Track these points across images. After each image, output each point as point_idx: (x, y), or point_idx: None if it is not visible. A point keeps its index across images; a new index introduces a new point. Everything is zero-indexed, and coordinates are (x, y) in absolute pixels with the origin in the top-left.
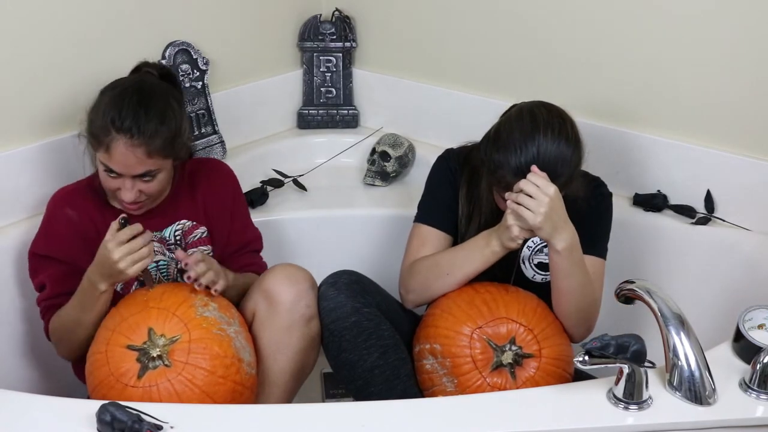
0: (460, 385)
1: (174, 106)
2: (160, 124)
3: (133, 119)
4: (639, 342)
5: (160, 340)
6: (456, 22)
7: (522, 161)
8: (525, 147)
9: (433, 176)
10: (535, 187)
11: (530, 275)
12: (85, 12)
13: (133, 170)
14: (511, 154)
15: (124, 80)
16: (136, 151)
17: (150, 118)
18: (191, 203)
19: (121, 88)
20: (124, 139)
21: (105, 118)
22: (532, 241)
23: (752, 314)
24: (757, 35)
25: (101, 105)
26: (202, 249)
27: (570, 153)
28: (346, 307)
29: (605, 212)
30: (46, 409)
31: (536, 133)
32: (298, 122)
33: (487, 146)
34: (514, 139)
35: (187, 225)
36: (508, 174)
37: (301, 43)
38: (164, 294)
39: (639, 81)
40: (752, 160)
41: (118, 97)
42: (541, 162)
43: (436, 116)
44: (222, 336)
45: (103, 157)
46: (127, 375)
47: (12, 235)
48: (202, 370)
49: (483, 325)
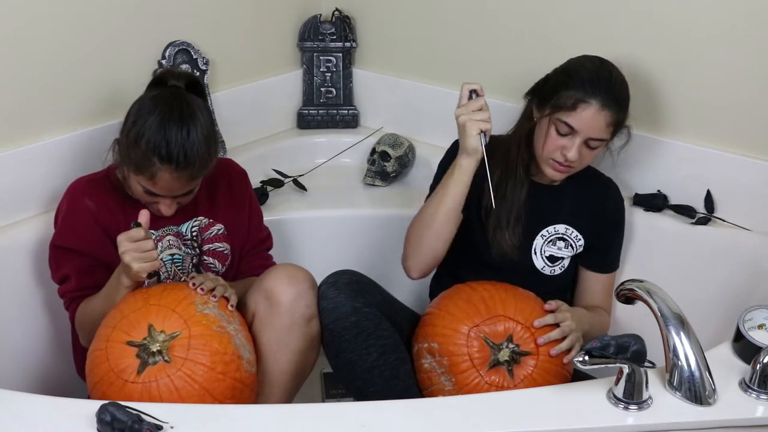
0: (457, 384)
1: (209, 123)
2: (202, 149)
3: (180, 150)
4: (639, 342)
5: (160, 336)
6: (456, 22)
7: (594, 77)
8: (597, 71)
9: (444, 160)
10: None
11: (540, 266)
12: (84, 12)
13: (176, 192)
14: (583, 71)
15: (158, 101)
16: (181, 178)
17: (193, 145)
18: (209, 201)
19: (160, 115)
20: (170, 169)
21: (150, 147)
22: (546, 231)
23: (752, 314)
24: (757, 35)
25: (144, 132)
26: (219, 246)
27: (628, 93)
28: (345, 307)
29: (623, 221)
30: (46, 409)
31: (604, 63)
32: (298, 122)
33: (554, 76)
34: (584, 67)
35: (204, 222)
36: (578, 87)
37: (301, 43)
38: (164, 291)
39: (639, 81)
40: (752, 160)
41: (162, 125)
42: (612, 84)
43: (436, 116)
44: (222, 333)
45: (144, 182)
46: (126, 371)
47: (9, 234)
48: (201, 366)
49: (480, 323)
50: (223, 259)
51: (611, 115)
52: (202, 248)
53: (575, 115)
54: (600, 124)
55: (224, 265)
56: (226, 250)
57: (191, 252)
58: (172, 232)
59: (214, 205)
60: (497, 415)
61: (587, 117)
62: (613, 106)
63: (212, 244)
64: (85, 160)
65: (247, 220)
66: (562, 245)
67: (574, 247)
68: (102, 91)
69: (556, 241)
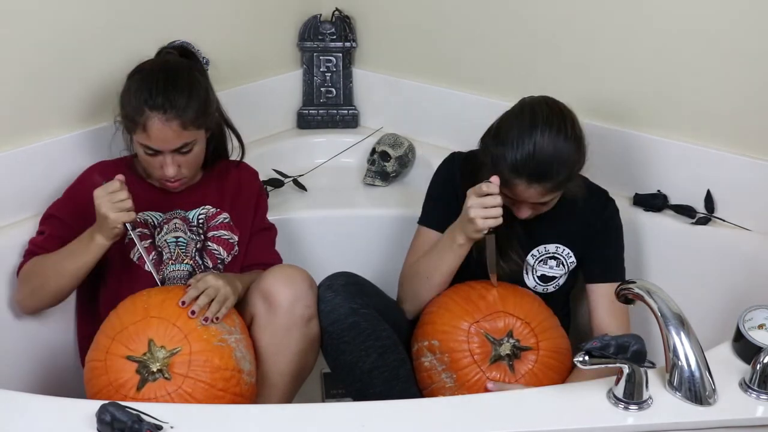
0: (458, 380)
1: (199, 79)
2: (190, 97)
3: (164, 96)
4: (639, 342)
5: (160, 352)
6: (456, 22)
7: (518, 157)
8: (522, 143)
9: (436, 178)
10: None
11: (532, 285)
12: (84, 12)
13: (171, 144)
14: (509, 150)
15: (149, 62)
16: (171, 125)
17: (179, 92)
18: (218, 192)
19: (148, 70)
20: (158, 115)
21: (137, 99)
22: (537, 251)
23: (752, 314)
24: (757, 35)
25: (131, 88)
26: (224, 234)
27: (568, 152)
28: (343, 309)
29: (619, 230)
30: (46, 409)
31: (534, 129)
32: (298, 122)
33: (488, 139)
34: (512, 134)
35: (211, 211)
36: (505, 169)
37: (301, 43)
38: (165, 302)
39: (639, 81)
40: (752, 160)
41: (146, 78)
42: (537, 159)
43: (436, 116)
44: (223, 347)
45: (140, 138)
46: (126, 386)
47: (9, 234)
48: (202, 383)
49: (480, 319)
50: (228, 247)
51: (541, 186)
52: (207, 235)
53: (512, 189)
54: (534, 195)
55: (230, 253)
56: (232, 239)
57: (196, 238)
58: (179, 216)
59: (222, 196)
60: (497, 415)
61: (521, 191)
62: (542, 181)
63: (217, 231)
64: (85, 160)
65: (253, 212)
66: (553, 264)
67: (566, 265)
68: (102, 91)
69: (547, 260)
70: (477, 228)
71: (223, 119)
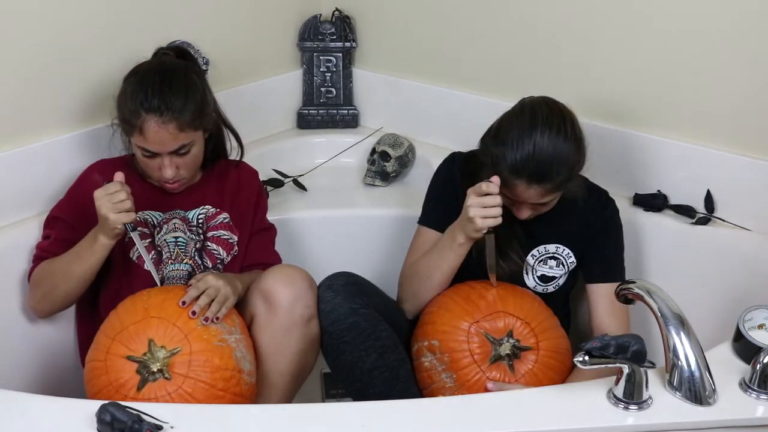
0: (458, 380)
1: (195, 80)
2: (186, 99)
3: (160, 98)
4: (639, 342)
5: (160, 352)
6: (456, 21)
7: (518, 158)
8: (522, 143)
9: (436, 178)
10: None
11: (532, 285)
12: (84, 12)
13: (169, 146)
14: (509, 150)
15: (145, 64)
16: (168, 127)
17: (175, 94)
18: (218, 192)
19: (144, 72)
20: (154, 118)
21: (133, 102)
22: (537, 251)
23: (752, 314)
24: (757, 35)
25: (127, 91)
26: (223, 234)
27: (568, 152)
28: (343, 309)
29: (619, 230)
30: (46, 409)
31: (534, 130)
32: (298, 122)
33: (488, 140)
34: (512, 134)
35: (211, 211)
36: (505, 170)
37: (301, 43)
38: (165, 302)
39: (639, 81)
40: (752, 160)
41: (142, 80)
42: (536, 160)
43: (436, 116)
44: (223, 347)
45: (138, 140)
46: (126, 386)
47: (9, 234)
48: (202, 383)
49: (480, 319)
50: (228, 247)
51: (541, 186)
52: (207, 235)
53: (512, 189)
54: (534, 196)
55: (229, 253)
56: (231, 239)
57: (195, 238)
58: (179, 216)
59: (222, 196)
60: (497, 415)
61: (521, 192)
62: (542, 181)
63: (217, 231)
64: (84, 160)
65: (253, 212)
66: (553, 264)
67: (565, 265)
68: (102, 91)
69: (547, 260)
70: (476, 227)
71: (221, 119)
